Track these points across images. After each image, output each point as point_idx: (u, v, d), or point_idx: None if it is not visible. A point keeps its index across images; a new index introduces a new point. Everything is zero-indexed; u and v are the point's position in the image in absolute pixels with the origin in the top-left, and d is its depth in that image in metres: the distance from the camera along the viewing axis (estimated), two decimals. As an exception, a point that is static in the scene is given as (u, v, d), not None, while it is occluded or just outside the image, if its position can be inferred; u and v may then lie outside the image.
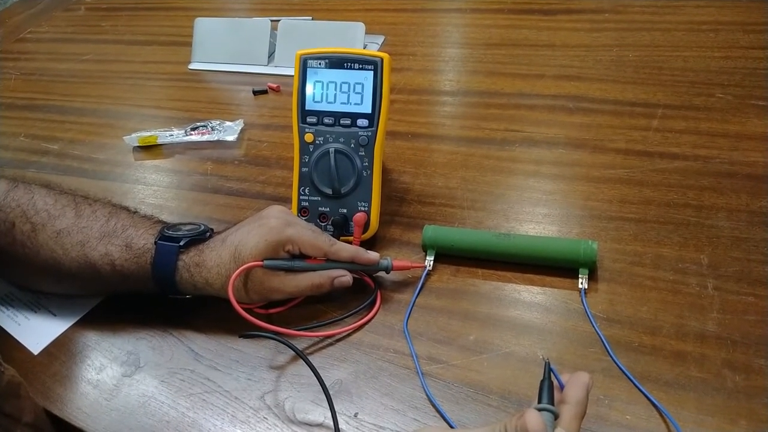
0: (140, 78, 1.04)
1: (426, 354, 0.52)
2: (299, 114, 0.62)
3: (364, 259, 0.57)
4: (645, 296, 0.54)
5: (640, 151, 0.70)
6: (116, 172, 0.81)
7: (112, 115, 0.94)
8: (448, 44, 1.02)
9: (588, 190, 0.66)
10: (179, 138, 0.83)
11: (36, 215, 0.58)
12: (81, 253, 0.56)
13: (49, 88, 1.05)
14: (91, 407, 0.52)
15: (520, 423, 0.35)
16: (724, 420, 0.44)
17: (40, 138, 0.90)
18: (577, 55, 0.91)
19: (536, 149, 0.74)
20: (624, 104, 0.79)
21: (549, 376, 0.40)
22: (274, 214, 0.57)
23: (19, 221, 0.58)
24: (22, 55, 1.19)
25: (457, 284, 0.58)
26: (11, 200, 0.59)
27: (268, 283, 0.55)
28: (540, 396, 0.39)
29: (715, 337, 0.50)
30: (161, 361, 0.55)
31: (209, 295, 0.56)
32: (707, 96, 0.77)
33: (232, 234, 0.56)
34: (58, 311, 0.61)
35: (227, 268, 0.54)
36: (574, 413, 0.38)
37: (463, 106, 0.85)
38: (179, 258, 0.55)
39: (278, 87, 0.93)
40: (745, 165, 0.66)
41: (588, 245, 0.56)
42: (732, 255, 0.56)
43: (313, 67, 0.62)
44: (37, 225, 0.57)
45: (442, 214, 0.66)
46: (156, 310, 0.59)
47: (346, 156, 0.61)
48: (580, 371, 0.40)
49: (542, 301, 0.55)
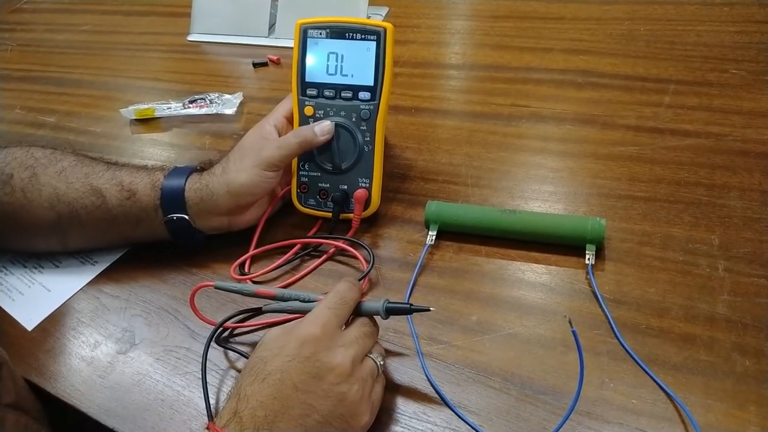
0: (138, 49, 1.02)
1: (427, 334, 0.51)
2: (299, 86, 0.60)
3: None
4: (653, 277, 0.52)
5: (650, 127, 0.68)
6: (113, 145, 0.79)
7: (109, 87, 0.92)
8: (454, 16, 0.99)
9: (596, 168, 0.64)
10: (177, 111, 0.81)
11: (35, 162, 0.58)
12: (85, 183, 0.57)
13: (46, 60, 1.03)
14: (84, 384, 0.51)
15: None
16: (732, 405, 0.43)
17: (37, 110, 0.89)
18: (587, 28, 0.88)
19: (543, 125, 0.72)
20: (635, 79, 0.76)
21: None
22: (248, 149, 0.58)
23: (18, 171, 0.57)
24: (19, 26, 1.17)
25: (460, 263, 0.56)
26: (6, 155, 0.59)
27: (266, 152, 0.57)
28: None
29: (725, 320, 0.48)
30: (157, 338, 0.54)
31: (210, 209, 0.57)
32: (720, 71, 0.75)
33: (227, 171, 0.58)
34: (52, 286, 0.60)
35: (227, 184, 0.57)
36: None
37: (469, 80, 0.83)
38: (190, 175, 0.58)
39: (278, 59, 0.91)
40: (759, 143, 0.64)
41: (596, 222, 0.54)
42: (744, 236, 0.54)
43: (314, 37, 0.59)
44: (37, 168, 0.58)
45: (445, 191, 0.64)
46: (152, 287, 0.58)
47: (347, 130, 0.59)
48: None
49: (547, 281, 0.54)
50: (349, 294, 0.46)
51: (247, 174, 0.57)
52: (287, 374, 0.40)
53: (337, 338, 0.43)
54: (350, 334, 0.44)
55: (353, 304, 0.46)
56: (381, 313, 0.46)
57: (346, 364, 0.42)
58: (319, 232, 0.62)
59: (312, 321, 0.43)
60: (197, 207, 0.57)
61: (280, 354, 0.41)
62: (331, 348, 0.42)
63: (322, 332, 0.42)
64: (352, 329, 0.45)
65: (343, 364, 0.41)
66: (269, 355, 0.42)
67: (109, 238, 0.60)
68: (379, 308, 0.46)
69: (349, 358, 0.42)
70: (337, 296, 0.45)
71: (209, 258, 0.60)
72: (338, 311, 0.44)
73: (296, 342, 0.42)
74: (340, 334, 0.44)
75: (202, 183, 0.57)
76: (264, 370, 0.41)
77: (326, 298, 0.45)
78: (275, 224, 0.63)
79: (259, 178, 0.57)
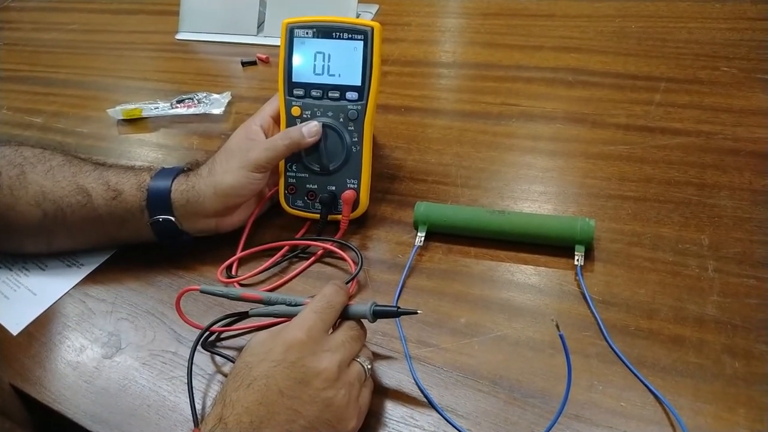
0: (126, 48, 1.01)
1: (415, 337, 0.50)
2: (285, 86, 0.60)
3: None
4: (643, 278, 0.52)
5: (641, 126, 0.68)
6: (100, 146, 0.78)
7: (97, 87, 0.91)
8: (445, 14, 0.99)
9: (586, 167, 0.64)
10: (164, 111, 0.81)
11: (24, 161, 0.58)
12: (72, 181, 0.57)
13: (33, 59, 1.02)
14: (70, 390, 0.50)
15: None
16: (722, 407, 0.43)
17: (24, 111, 0.88)
18: (578, 25, 0.87)
19: (533, 124, 0.71)
20: (625, 77, 0.76)
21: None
22: (235, 150, 0.58)
23: (6, 169, 0.57)
24: (6, 25, 1.16)
25: (449, 264, 0.56)
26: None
27: (253, 154, 0.56)
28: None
29: (714, 321, 0.48)
30: (143, 342, 0.53)
31: (197, 211, 0.57)
32: (712, 69, 0.75)
33: (214, 173, 0.58)
34: (38, 290, 0.59)
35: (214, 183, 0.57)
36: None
37: (459, 78, 0.83)
38: (177, 177, 0.57)
39: (267, 58, 0.90)
40: (750, 142, 0.64)
41: (585, 222, 0.54)
42: (734, 236, 0.54)
43: (301, 36, 0.59)
44: (25, 167, 0.57)
45: (435, 191, 0.64)
46: (138, 290, 0.58)
47: (334, 131, 0.59)
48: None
49: (536, 283, 0.53)
50: (335, 297, 0.45)
51: (233, 175, 0.56)
52: (273, 379, 0.40)
53: (324, 343, 0.43)
54: (337, 338, 0.44)
55: (340, 307, 0.45)
56: (368, 316, 0.46)
57: (332, 369, 0.41)
58: (307, 233, 0.61)
59: (298, 325, 0.42)
60: (183, 209, 0.56)
61: (265, 359, 0.41)
62: (317, 353, 0.42)
63: (308, 337, 0.42)
64: (339, 333, 0.44)
65: (329, 368, 0.41)
66: (255, 360, 0.41)
67: (95, 239, 0.60)
68: (367, 311, 0.46)
69: (335, 362, 0.42)
70: (323, 300, 0.45)
71: (196, 260, 0.60)
72: (324, 315, 0.44)
73: (282, 347, 0.41)
74: (326, 338, 0.43)
75: (189, 184, 0.57)
76: (249, 376, 0.40)
77: (313, 302, 0.45)
78: (263, 226, 0.62)
79: (246, 180, 0.56)
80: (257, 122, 0.60)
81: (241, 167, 0.56)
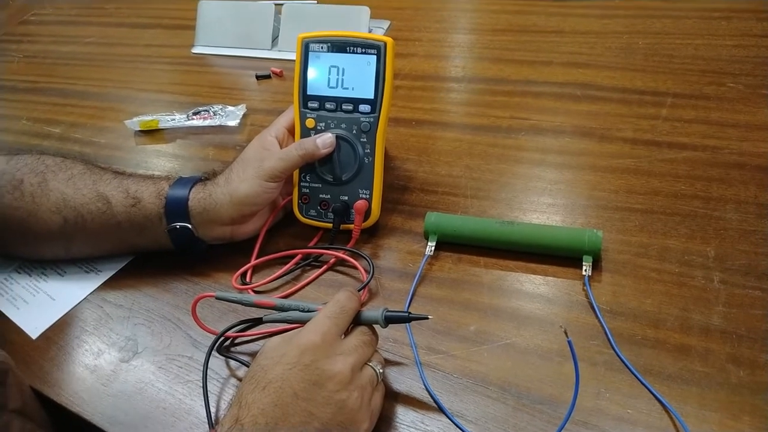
0: (143, 61, 1.03)
1: (425, 344, 0.51)
2: (300, 99, 0.61)
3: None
4: (649, 288, 0.53)
5: (648, 140, 0.69)
6: (117, 156, 0.80)
7: (114, 99, 0.93)
8: (455, 30, 1.00)
9: (594, 180, 0.65)
10: (181, 122, 0.82)
11: (46, 169, 0.60)
12: (93, 189, 0.58)
13: (51, 71, 1.04)
14: (88, 392, 0.52)
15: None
16: (727, 415, 0.43)
17: (42, 121, 0.90)
18: (587, 41, 0.89)
19: (542, 137, 0.72)
20: (633, 92, 0.77)
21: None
22: (251, 160, 0.59)
23: (28, 177, 0.59)
24: (25, 38, 1.19)
25: (459, 274, 0.57)
26: (18, 161, 0.60)
27: (268, 163, 0.58)
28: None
29: (720, 331, 0.49)
30: (159, 347, 0.54)
31: (213, 218, 0.58)
32: (718, 85, 0.76)
33: (230, 182, 0.59)
34: (57, 295, 0.60)
35: (231, 191, 0.58)
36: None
37: (469, 92, 0.84)
38: (194, 185, 0.59)
39: (281, 72, 0.92)
40: (755, 156, 0.65)
41: (593, 233, 0.55)
42: (739, 248, 0.55)
43: (315, 51, 0.60)
44: (47, 174, 0.59)
45: (445, 202, 0.65)
46: (155, 296, 0.59)
47: (347, 142, 0.60)
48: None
49: (544, 292, 0.54)
50: (348, 303, 0.46)
51: (249, 184, 0.58)
52: (287, 382, 0.41)
53: (337, 346, 0.44)
54: (350, 343, 0.45)
55: (353, 313, 0.46)
56: (380, 321, 0.47)
57: (345, 372, 0.42)
58: (320, 242, 0.63)
59: (312, 330, 0.44)
60: (200, 216, 0.58)
61: (280, 362, 0.42)
62: (331, 356, 0.43)
63: (322, 341, 0.43)
64: (352, 338, 0.45)
65: (342, 372, 0.42)
66: (270, 364, 0.42)
67: (113, 245, 0.61)
68: (378, 317, 0.47)
69: (348, 366, 0.43)
70: (336, 305, 0.46)
71: (211, 267, 0.61)
72: (338, 320, 0.45)
73: (296, 350, 0.42)
74: (339, 342, 0.44)
75: (206, 193, 0.58)
76: (264, 378, 0.41)
77: (326, 308, 0.46)
78: (276, 234, 0.64)
79: (261, 189, 0.58)
80: (272, 133, 0.61)
81: (256, 176, 0.58)
